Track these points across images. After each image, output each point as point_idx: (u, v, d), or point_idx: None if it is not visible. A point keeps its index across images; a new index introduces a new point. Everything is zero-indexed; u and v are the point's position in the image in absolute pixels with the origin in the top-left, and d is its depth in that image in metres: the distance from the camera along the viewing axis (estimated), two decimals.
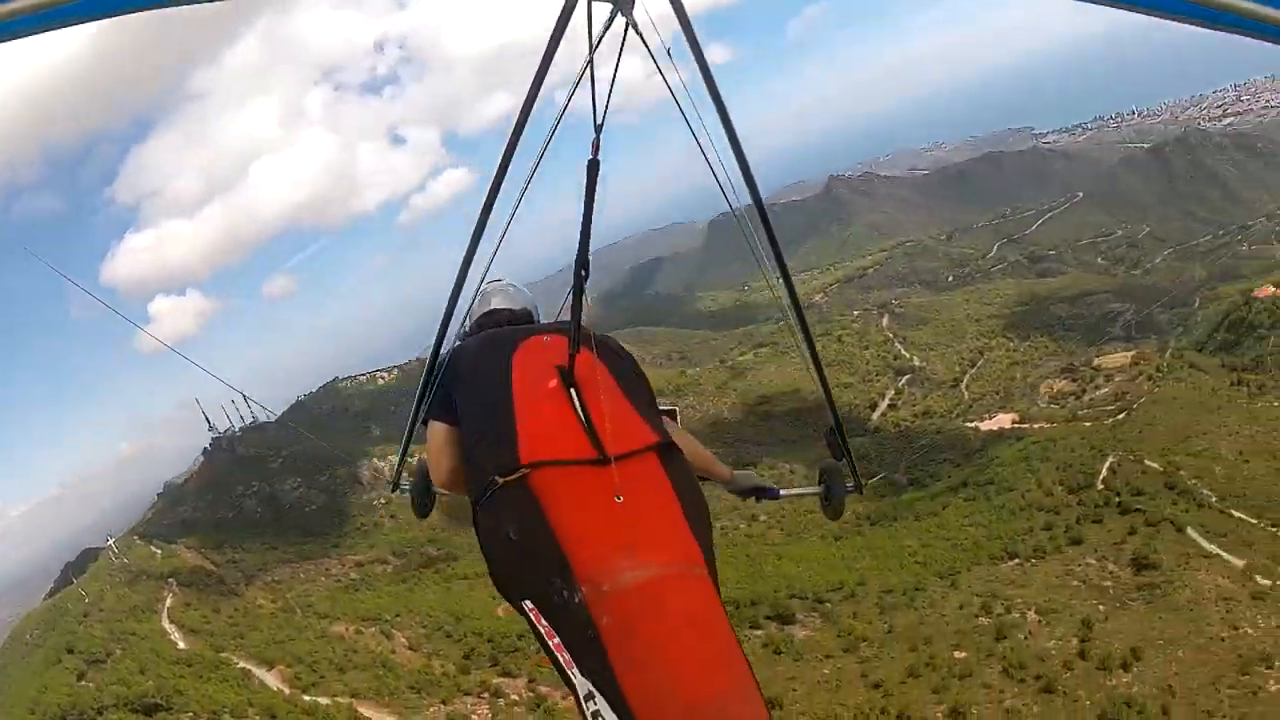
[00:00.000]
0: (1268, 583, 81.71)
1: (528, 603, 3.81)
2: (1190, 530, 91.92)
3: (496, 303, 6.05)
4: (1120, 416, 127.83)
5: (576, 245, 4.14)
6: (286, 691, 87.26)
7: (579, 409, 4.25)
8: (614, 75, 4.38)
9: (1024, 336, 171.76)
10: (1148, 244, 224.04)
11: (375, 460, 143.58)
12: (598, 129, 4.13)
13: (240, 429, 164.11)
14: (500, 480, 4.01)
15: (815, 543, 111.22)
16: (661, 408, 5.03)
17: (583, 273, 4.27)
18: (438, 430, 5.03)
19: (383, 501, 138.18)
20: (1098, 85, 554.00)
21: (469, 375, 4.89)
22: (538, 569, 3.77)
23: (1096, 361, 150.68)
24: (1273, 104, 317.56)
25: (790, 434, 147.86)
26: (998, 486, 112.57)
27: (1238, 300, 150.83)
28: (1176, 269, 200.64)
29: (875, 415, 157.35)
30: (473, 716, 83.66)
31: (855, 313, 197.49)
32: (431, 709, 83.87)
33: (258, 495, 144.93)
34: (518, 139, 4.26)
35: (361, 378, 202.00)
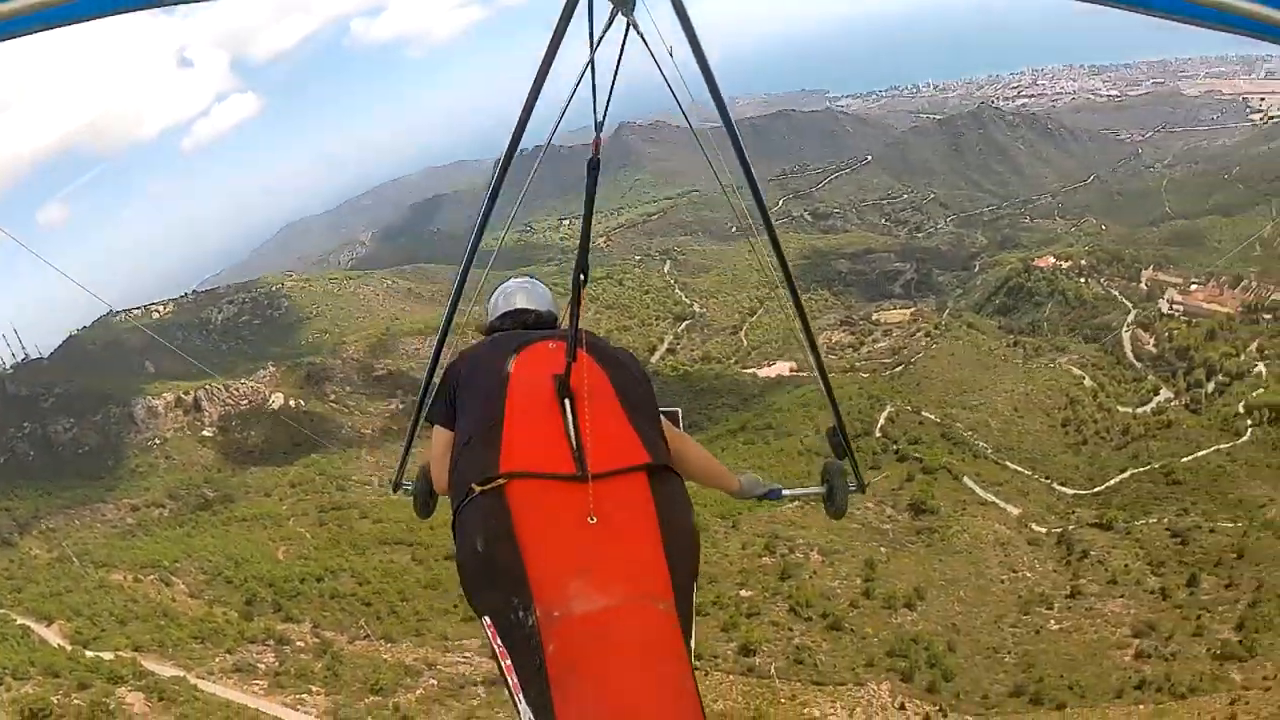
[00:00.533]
0: (1043, 530, 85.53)
1: (487, 619, 3.68)
2: (967, 479, 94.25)
3: (521, 301, 5.67)
4: (898, 369, 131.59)
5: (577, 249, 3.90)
6: (68, 648, 79.57)
7: (569, 421, 3.98)
8: (614, 75, 4.20)
9: (805, 289, 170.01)
10: (932, 209, 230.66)
11: (150, 399, 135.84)
12: (598, 128, 3.79)
13: (11, 366, 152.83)
14: (477, 489, 3.84)
15: None
16: (663, 409, 4.81)
17: (581, 277, 3.89)
18: (439, 436, 4.82)
19: (158, 441, 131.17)
20: (896, 57, 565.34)
21: (469, 379, 4.66)
22: (500, 585, 3.62)
23: (876, 316, 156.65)
24: (1068, 90, 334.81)
25: None
26: (776, 431, 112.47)
27: (1018, 267, 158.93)
28: (959, 235, 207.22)
29: (654, 359, 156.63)
30: (259, 666, 77.39)
31: (638, 258, 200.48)
32: (217, 660, 76.68)
33: (29, 438, 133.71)
34: (519, 139, 4.09)
35: (137, 311, 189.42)
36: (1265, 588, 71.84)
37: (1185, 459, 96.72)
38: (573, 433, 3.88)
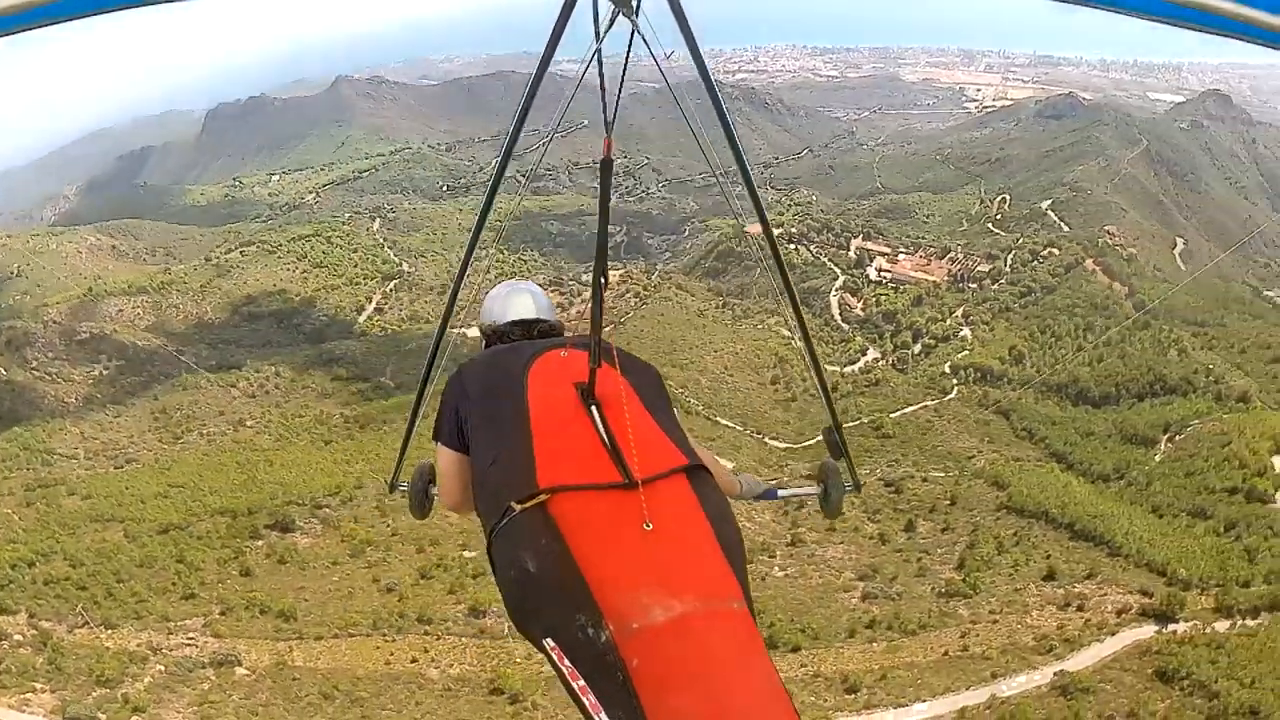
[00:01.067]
0: None
1: (549, 641, 3.51)
2: None
3: (530, 309, 5.55)
4: (607, 329, 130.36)
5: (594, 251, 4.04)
6: None
7: (601, 429, 3.90)
8: (623, 76, 4.28)
9: (514, 249, 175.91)
10: (645, 175, 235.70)
11: None
12: (608, 126, 3.92)
13: None
14: (517, 507, 3.71)
15: (305, 447, 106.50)
16: None
17: (602, 281, 4.02)
18: (446, 457, 4.70)
19: None
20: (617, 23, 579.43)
21: (480, 394, 4.49)
22: (560, 604, 3.49)
23: (585, 277, 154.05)
24: (789, 69, 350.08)
25: (275, 336, 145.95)
26: None
27: (729, 233, 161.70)
28: (670, 201, 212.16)
29: (361, 318, 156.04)
30: None
31: (347, 215, 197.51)
32: None
33: None
34: (517, 136, 4.32)
35: None
36: (980, 530, 76.83)
37: (894, 414, 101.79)
38: (608, 440, 3.74)
